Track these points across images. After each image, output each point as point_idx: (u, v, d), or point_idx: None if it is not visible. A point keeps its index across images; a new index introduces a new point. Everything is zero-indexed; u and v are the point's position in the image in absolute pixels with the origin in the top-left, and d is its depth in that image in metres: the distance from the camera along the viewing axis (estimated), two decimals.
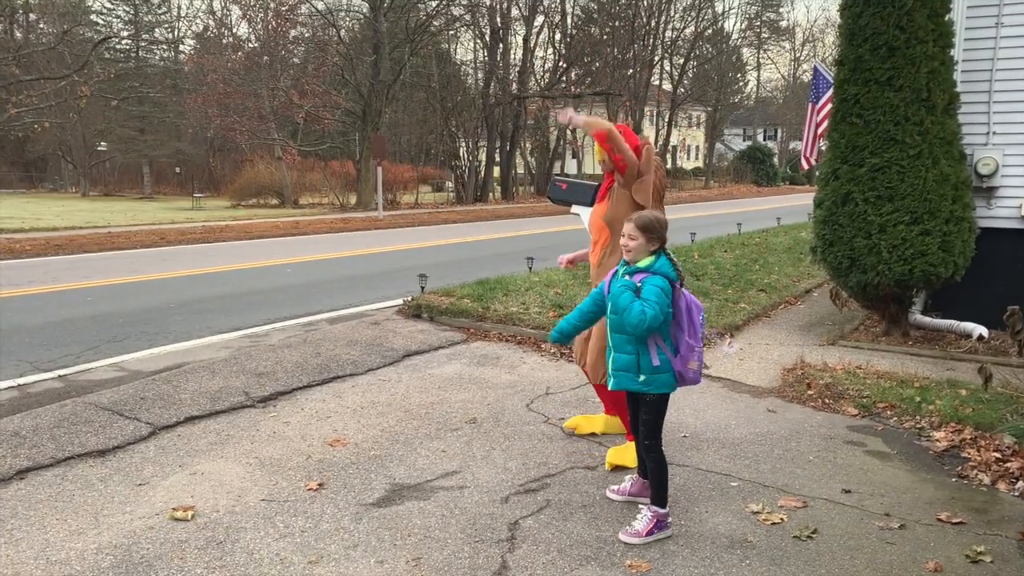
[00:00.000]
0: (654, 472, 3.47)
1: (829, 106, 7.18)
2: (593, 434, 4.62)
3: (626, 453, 4.14)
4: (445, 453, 4.34)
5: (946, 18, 6.40)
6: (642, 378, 3.38)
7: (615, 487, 3.81)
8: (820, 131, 10.74)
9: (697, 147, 64.58)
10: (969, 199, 6.50)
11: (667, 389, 3.43)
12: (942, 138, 6.31)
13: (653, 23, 42.37)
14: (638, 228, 3.37)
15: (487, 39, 34.59)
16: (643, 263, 3.37)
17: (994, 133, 6.92)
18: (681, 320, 3.37)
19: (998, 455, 4.24)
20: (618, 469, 4.11)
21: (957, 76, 6.61)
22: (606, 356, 3.58)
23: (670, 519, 3.48)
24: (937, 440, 4.54)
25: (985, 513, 3.66)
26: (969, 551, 3.26)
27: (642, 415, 3.49)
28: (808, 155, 11.80)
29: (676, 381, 3.43)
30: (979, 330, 6.64)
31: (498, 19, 33.58)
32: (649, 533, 3.38)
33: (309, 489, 3.84)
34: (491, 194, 35.47)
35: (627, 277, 3.39)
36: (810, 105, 11.69)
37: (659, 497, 3.43)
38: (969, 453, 4.33)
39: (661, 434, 3.52)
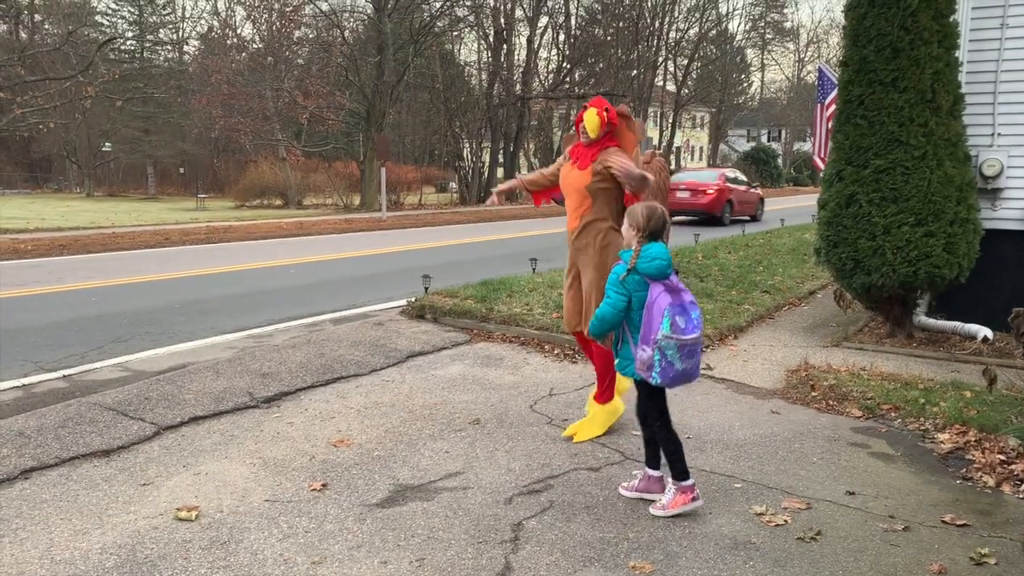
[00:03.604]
0: (665, 449, 3.65)
1: (835, 106, 7.17)
2: (596, 438, 4.61)
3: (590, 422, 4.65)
4: (449, 454, 4.34)
5: (951, 19, 6.38)
6: (616, 360, 3.64)
7: (626, 484, 3.86)
8: (830, 128, 10.72)
9: (701, 148, 64.52)
10: (974, 201, 6.48)
11: (636, 376, 3.59)
12: (947, 139, 6.30)
13: (657, 24, 42.38)
14: (626, 216, 3.63)
15: (491, 40, 34.61)
16: (623, 251, 3.61)
17: (999, 135, 6.91)
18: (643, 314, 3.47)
19: (1003, 457, 4.23)
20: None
21: (962, 77, 6.59)
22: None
23: (697, 490, 3.63)
24: (941, 442, 4.53)
25: (990, 515, 3.65)
26: (974, 553, 3.25)
27: (638, 398, 3.73)
28: (822, 156, 11.76)
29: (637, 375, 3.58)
30: (984, 332, 6.63)
31: (502, 20, 33.61)
32: (676, 507, 3.57)
33: (313, 489, 3.84)
34: None
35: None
36: (818, 106, 11.67)
37: (678, 471, 3.60)
38: (974, 455, 4.32)
39: (660, 416, 3.66)
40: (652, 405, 3.67)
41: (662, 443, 3.66)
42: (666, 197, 5.54)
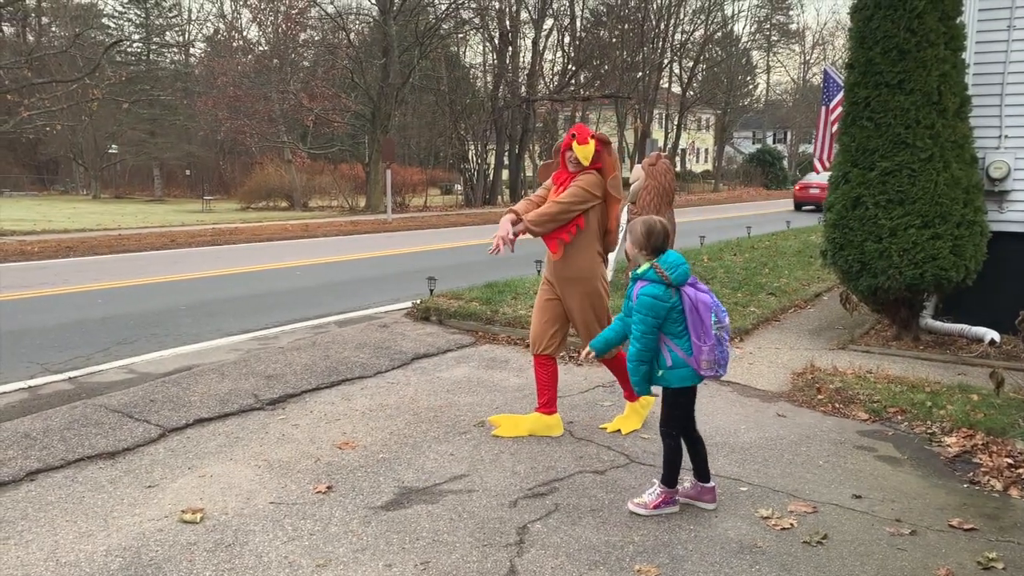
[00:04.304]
0: (666, 455, 3.68)
1: (840, 109, 7.15)
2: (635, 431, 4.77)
3: (626, 420, 4.77)
4: (453, 456, 4.33)
5: (957, 21, 6.36)
6: (660, 373, 3.61)
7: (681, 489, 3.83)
8: (835, 131, 10.69)
9: (706, 150, 64.47)
10: (980, 203, 6.46)
11: (686, 382, 3.60)
12: (953, 141, 6.28)
13: (662, 26, 42.29)
14: (627, 231, 3.64)
15: (496, 42, 34.62)
16: (640, 270, 3.61)
17: (1006, 136, 6.88)
18: (687, 320, 3.52)
19: (1010, 461, 4.20)
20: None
21: (968, 79, 6.57)
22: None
23: (678, 497, 3.68)
24: (948, 445, 4.51)
25: (997, 519, 3.63)
26: (981, 557, 3.24)
27: (662, 405, 3.70)
28: (824, 158, 11.72)
29: (695, 376, 3.57)
30: (991, 334, 6.60)
31: (507, 22, 33.61)
32: (656, 507, 3.63)
33: (318, 492, 3.84)
34: (500, 197, 35.48)
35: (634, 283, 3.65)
36: (822, 108, 11.64)
37: (668, 477, 3.66)
38: (981, 458, 4.30)
39: (679, 425, 3.68)
40: (675, 416, 3.67)
41: (670, 450, 3.66)
42: (672, 199, 5.54)
